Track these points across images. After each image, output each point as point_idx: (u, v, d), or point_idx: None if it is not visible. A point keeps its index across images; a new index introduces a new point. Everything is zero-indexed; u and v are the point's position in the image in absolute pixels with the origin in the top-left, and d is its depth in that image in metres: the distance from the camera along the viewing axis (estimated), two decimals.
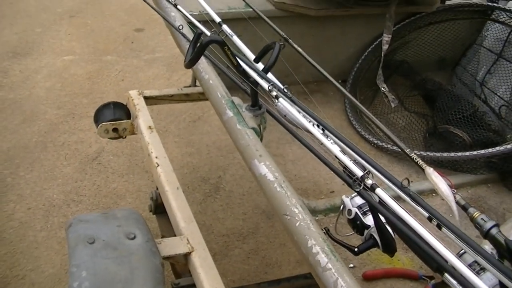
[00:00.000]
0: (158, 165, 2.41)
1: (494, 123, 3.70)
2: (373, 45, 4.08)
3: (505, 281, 1.37)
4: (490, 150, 3.24)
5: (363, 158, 1.78)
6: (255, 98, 2.13)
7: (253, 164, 1.89)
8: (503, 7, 3.94)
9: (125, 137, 2.96)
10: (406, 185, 1.62)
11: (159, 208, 2.74)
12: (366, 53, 4.13)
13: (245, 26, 2.87)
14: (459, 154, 3.34)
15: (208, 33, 2.29)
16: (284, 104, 1.92)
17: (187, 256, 1.96)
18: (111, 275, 1.59)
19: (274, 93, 1.94)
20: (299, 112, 1.92)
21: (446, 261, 1.43)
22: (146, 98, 3.00)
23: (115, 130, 2.90)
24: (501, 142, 3.38)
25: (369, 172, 1.64)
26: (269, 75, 2.18)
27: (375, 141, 3.73)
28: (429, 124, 3.87)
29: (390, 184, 1.64)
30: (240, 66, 2.08)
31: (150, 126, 2.71)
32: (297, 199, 1.72)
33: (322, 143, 1.80)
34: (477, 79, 4.01)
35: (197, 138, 4.29)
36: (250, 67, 2.09)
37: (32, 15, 6.29)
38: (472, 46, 4.20)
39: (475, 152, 3.28)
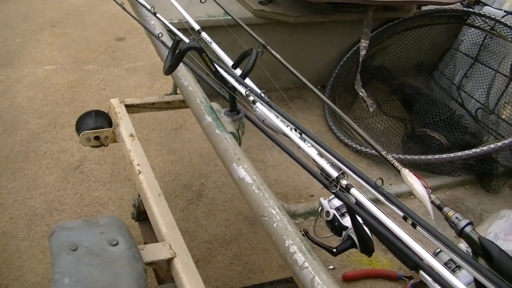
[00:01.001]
0: (140, 172, 2.43)
1: (471, 126, 3.75)
2: (352, 51, 4.11)
3: (480, 278, 1.40)
4: (466, 152, 3.28)
5: (339, 160, 1.81)
6: (233, 104, 2.17)
7: (232, 168, 1.93)
8: (478, 12, 3.99)
9: (107, 145, 2.98)
10: (380, 185, 1.66)
11: (141, 215, 2.75)
12: (344, 59, 4.16)
13: (224, 33, 2.90)
14: (437, 156, 3.38)
15: (187, 40, 2.32)
16: (261, 108, 1.95)
17: (169, 261, 1.98)
18: (94, 281, 1.60)
19: (251, 98, 1.97)
20: (277, 117, 1.95)
21: (421, 259, 1.46)
22: (127, 106, 3.02)
23: (96, 138, 2.91)
24: (477, 144, 3.43)
25: (344, 173, 1.67)
26: (247, 81, 2.21)
27: (354, 145, 3.77)
28: (407, 128, 3.91)
29: (365, 184, 1.67)
30: (218, 72, 2.11)
31: (131, 134, 2.72)
32: (274, 201, 1.75)
33: (299, 147, 1.84)
34: (454, 83, 4.05)
35: (179, 145, 4.30)
36: (228, 73, 2.12)
37: (12, 25, 6.29)
38: (449, 51, 4.25)
39: (452, 154, 3.32)
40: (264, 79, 2.54)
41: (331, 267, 2.94)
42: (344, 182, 1.63)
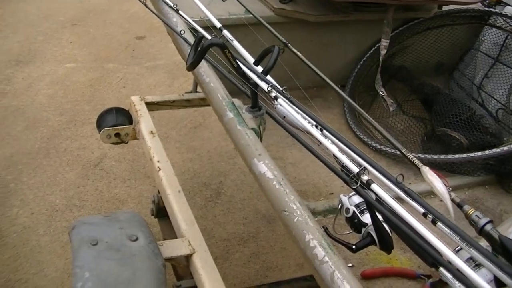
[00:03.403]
0: (160, 169, 2.45)
1: (492, 126, 3.72)
2: (372, 51, 4.10)
3: (500, 275, 1.40)
4: (487, 152, 3.26)
5: (360, 156, 1.81)
6: (255, 100, 2.18)
7: (253, 163, 1.95)
8: (500, 12, 3.97)
9: (127, 142, 3.00)
10: (401, 181, 1.66)
11: (161, 212, 2.76)
12: (364, 58, 4.15)
13: (245, 32, 2.91)
14: (456, 156, 3.36)
15: (209, 37, 2.33)
16: (283, 104, 1.96)
17: (188, 257, 1.99)
18: (114, 276, 1.61)
19: (273, 94, 1.98)
20: (298, 113, 1.96)
21: (441, 255, 1.46)
22: (147, 103, 3.03)
23: (117, 135, 2.93)
24: (498, 144, 3.40)
25: (365, 168, 1.67)
26: (269, 78, 2.23)
27: (374, 144, 3.76)
28: (427, 128, 3.89)
29: (386, 180, 1.67)
30: (240, 68, 2.12)
31: (152, 131, 2.74)
32: (295, 196, 1.77)
33: (320, 143, 1.84)
34: (475, 83, 4.03)
35: (198, 144, 4.32)
36: (250, 70, 2.13)
37: (34, 23, 6.35)
38: (469, 51, 4.22)
39: (472, 154, 3.30)
40: (284, 77, 2.54)
41: (350, 264, 2.95)
42: (365, 177, 1.63)
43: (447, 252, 1.43)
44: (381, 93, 3.93)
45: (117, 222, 1.86)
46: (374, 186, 1.62)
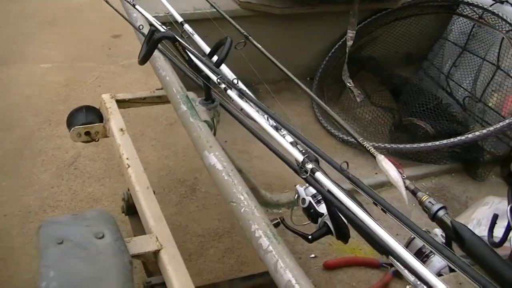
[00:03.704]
0: (129, 166, 2.45)
1: (459, 114, 3.75)
2: (340, 42, 4.11)
3: (449, 263, 1.42)
4: (451, 140, 3.28)
5: (306, 144, 1.83)
6: (208, 92, 2.21)
7: (204, 155, 2.00)
8: (467, 1, 3.98)
9: (98, 140, 2.99)
10: (345, 168, 1.68)
11: (131, 209, 2.77)
12: (333, 50, 4.17)
13: (212, 27, 2.92)
14: (422, 145, 3.39)
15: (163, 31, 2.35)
16: (232, 96, 1.98)
17: (156, 253, 2.00)
18: (79, 274, 1.61)
19: (223, 86, 2.00)
20: (248, 104, 1.98)
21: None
22: (118, 101, 3.03)
23: (87, 133, 2.93)
24: (464, 132, 3.42)
25: (309, 156, 1.69)
26: (226, 70, 2.25)
27: (340, 136, 3.78)
28: (395, 118, 3.92)
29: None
30: (192, 61, 2.14)
31: (121, 129, 2.74)
32: (243, 187, 1.79)
33: (268, 132, 1.86)
34: (443, 72, 4.05)
35: (174, 140, 4.32)
36: (202, 62, 2.15)
37: (12, 23, 6.33)
38: (438, 41, 4.24)
39: (437, 142, 3.33)
40: (252, 71, 2.57)
41: (313, 255, 2.95)
42: (309, 166, 1.65)
43: (392, 242, 1.44)
44: (348, 84, 3.94)
45: (84, 220, 1.86)
46: (318, 175, 1.63)
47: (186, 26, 2.61)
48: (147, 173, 3.77)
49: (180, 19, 2.68)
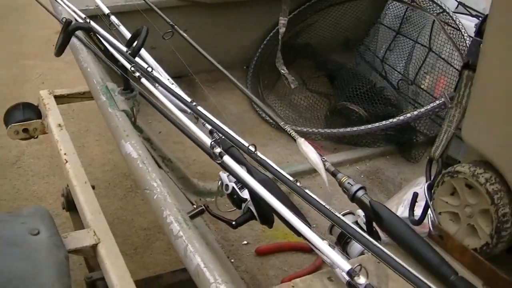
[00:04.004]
0: (66, 162, 2.45)
1: (393, 98, 3.80)
2: (275, 30, 4.09)
3: (362, 246, 1.45)
4: (384, 122, 3.30)
5: (215, 128, 1.86)
6: (126, 82, 2.22)
7: (121, 144, 2.01)
8: None
9: (37, 137, 2.97)
10: (253, 150, 1.71)
11: (71, 204, 2.76)
12: (268, 38, 4.17)
13: (142, 19, 2.92)
14: (355, 128, 3.40)
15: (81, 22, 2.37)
16: (146, 84, 2.00)
17: (94, 248, 2.00)
18: (13, 271, 1.58)
19: (137, 74, 2.02)
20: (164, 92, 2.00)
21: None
22: (57, 97, 3.01)
23: (25, 130, 2.90)
24: (398, 115, 3.46)
25: (217, 140, 1.71)
26: (149, 59, 2.28)
27: (274, 123, 3.82)
28: (331, 103, 3.96)
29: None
30: (108, 51, 2.16)
31: (59, 124, 2.72)
32: (157, 174, 1.81)
33: (178, 118, 1.88)
34: (378, 56, 4.09)
35: (114, 139, 4.31)
36: (118, 52, 2.17)
37: None
38: (374, 25, 4.27)
39: (370, 126, 3.34)
40: (187, 62, 2.59)
41: (245, 242, 2.94)
42: (217, 150, 1.68)
43: (301, 226, 1.48)
44: (282, 71, 3.96)
45: (19, 217, 1.84)
46: (226, 158, 1.66)
47: (113, 18, 2.62)
48: (92, 168, 3.81)
49: (107, 11, 2.69)
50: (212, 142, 1.69)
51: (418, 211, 1.81)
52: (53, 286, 1.57)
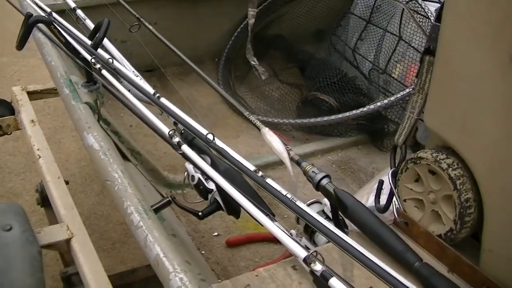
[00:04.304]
0: (40, 157, 2.44)
1: (364, 87, 3.81)
2: (246, 21, 4.10)
3: (323, 236, 1.46)
4: (354, 112, 3.31)
5: (174, 118, 1.87)
6: (89, 74, 2.21)
7: (83, 136, 2.01)
8: None
9: (10, 134, 2.96)
10: (211, 139, 1.71)
11: (45, 200, 2.75)
12: (239, 30, 4.16)
13: (111, 12, 2.92)
14: (325, 118, 3.40)
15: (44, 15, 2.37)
16: (106, 75, 2.00)
17: (68, 242, 1.99)
18: None
19: (97, 66, 2.02)
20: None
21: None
22: (30, 93, 3.01)
23: None
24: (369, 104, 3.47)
25: (176, 129, 1.72)
26: (114, 52, 2.28)
27: (245, 114, 3.82)
28: (303, 94, 3.97)
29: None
30: (70, 44, 2.15)
31: (32, 120, 2.72)
32: (118, 165, 1.81)
33: (138, 108, 1.88)
34: (349, 46, 4.09)
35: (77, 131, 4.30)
36: (78, 44, 2.17)
37: None
38: (346, 16, 4.27)
39: (340, 115, 3.35)
40: (158, 55, 2.60)
41: (216, 233, 2.93)
42: (176, 139, 1.68)
43: (260, 216, 1.48)
44: (252, 62, 3.96)
45: None
46: (184, 148, 1.66)
47: (79, 12, 2.62)
48: (68, 164, 3.80)
49: (73, 5, 2.69)
50: (170, 132, 1.69)
51: (385, 200, 1.82)
52: (26, 281, 1.58)
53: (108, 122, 2.83)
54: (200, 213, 1.97)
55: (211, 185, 1.94)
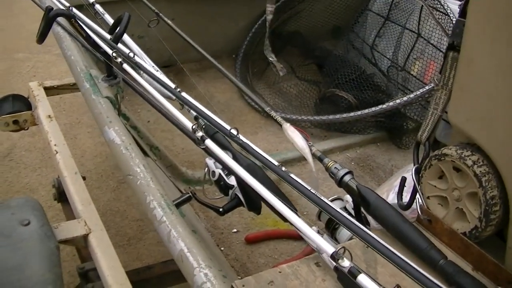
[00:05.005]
0: (57, 152, 2.44)
1: (383, 84, 3.79)
2: (263, 18, 4.10)
3: (349, 231, 1.44)
4: (373, 109, 3.30)
5: (196, 112, 1.85)
6: (109, 68, 2.20)
7: (104, 130, 2.00)
8: None
9: (27, 129, 2.96)
10: (235, 134, 1.70)
11: (62, 195, 2.75)
12: (256, 26, 4.17)
13: (129, 7, 2.92)
14: (344, 115, 3.40)
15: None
16: (128, 69, 1.99)
17: (86, 238, 1.99)
18: (3, 262, 1.59)
19: (119, 60, 2.01)
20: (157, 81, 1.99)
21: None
22: (46, 88, 3.01)
23: (15, 122, 2.89)
24: (388, 101, 3.46)
25: (198, 124, 1.70)
26: (133, 46, 2.27)
27: (263, 111, 3.81)
28: (321, 91, 3.96)
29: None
30: (91, 38, 2.15)
31: (49, 115, 2.72)
32: (140, 160, 1.79)
33: (161, 103, 1.87)
34: (367, 43, 4.08)
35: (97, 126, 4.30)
36: (99, 38, 2.16)
37: None
38: (363, 12, 4.25)
39: (359, 112, 3.34)
40: (176, 51, 2.59)
41: (235, 230, 2.94)
42: (199, 134, 1.67)
43: (286, 211, 1.46)
44: (270, 58, 3.96)
45: (8, 208, 1.84)
46: (208, 142, 1.65)
47: (97, 6, 2.61)
48: (84, 160, 3.80)
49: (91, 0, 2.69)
50: (194, 126, 1.67)
51: (407, 197, 1.80)
52: (44, 276, 1.56)
53: (127, 117, 2.83)
54: (221, 209, 1.94)
55: (232, 181, 1.91)
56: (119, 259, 1.81)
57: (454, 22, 3.30)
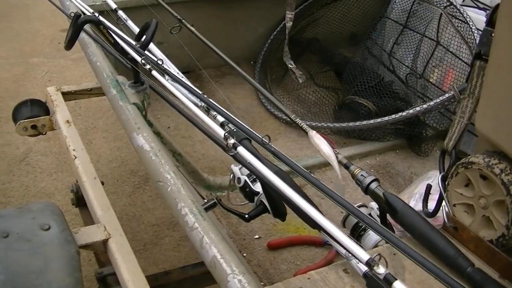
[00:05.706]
0: (75, 157, 2.44)
1: (402, 92, 3.80)
2: (282, 25, 4.11)
3: (378, 235, 1.44)
4: (393, 116, 3.31)
5: (229, 120, 1.86)
6: (136, 75, 2.21)
7: (132, 137, 1.99)
8: None
9: (45, 133, 2.97)
10: (267, 142, 1.70)
11: (81, 200, 2.76)
12: (274, 33, 4.19)
13: (151, 13, 2.93)
14: (364, 122, 3.41)
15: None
16: (157, 77, 2.00)
17: (105, 243, 1.99)
18: (24, 267, 1.58)
19: (147, 67, 2.02)
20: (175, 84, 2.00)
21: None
22: (64, 93, 3.01)
23: (33, 127, 2.90)
24: (407, 109, 3.45)
25: (229, 132, 1.70)
26: (158, 52, 2.27)
27: (284, 117, 3.80)
28: (339, 97, 3.96)
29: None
30: (118, 44, 2.15)
31: (68, 120, 2.72)
32: (170, 167, 1.80)
33: (190, 109, 1.87)
34: (385, 50, 4.08)
35: (125, 132, 4.31)
36: (127, 44, 2.17)
37: None
38: (381, 20, 4.26)
39: (379, 120, 3.35)
40: (195, 57, 2.60)
41: (257, 236, 2.95)
42: (231, 141, 1.67)
43: (319, 218, 1.46)
44: (289, 65, 3.97)
45: (29, 213, 1.84)
46: (240, 149, 1.65)
47: (120, 13, 2.62)
48: (99, 165, 3.81)
49: (113, 6, 2.69)
50: (226, 134, 1.67)
51: (431, 204, 1.80)
52: (65, 281, 1.57)
53: (151, 123, 2.83)
54: (246, 216, 1.96)
55: (258, 188, 1.93)
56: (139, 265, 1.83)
57: (473, 30, 3.31)
